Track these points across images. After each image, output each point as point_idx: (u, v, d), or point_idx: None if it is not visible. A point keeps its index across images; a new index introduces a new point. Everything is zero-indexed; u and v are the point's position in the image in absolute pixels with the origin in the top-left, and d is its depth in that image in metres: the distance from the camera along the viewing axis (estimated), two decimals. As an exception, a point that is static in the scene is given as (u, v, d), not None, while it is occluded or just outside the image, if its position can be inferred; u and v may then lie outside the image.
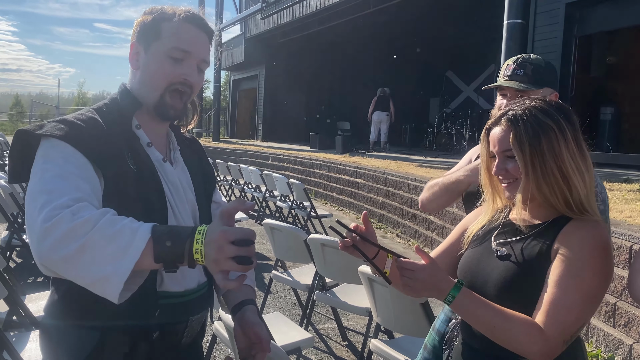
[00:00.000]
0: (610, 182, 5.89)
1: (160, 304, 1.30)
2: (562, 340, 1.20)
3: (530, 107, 1.32)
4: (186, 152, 1.51)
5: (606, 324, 3.52)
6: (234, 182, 9.97)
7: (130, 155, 1.29)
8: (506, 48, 6.85)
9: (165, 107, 1.34)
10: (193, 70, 1.35)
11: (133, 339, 1.28)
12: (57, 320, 1.28)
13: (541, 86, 1.87)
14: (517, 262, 1.30)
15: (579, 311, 1.21)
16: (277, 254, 3.95)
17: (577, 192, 1.28)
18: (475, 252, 1.44)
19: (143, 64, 1.35)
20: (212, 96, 23.09)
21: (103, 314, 1.21)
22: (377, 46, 18.39)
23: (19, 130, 1.22)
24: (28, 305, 2.84)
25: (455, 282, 1.24)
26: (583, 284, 1.20)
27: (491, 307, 1.23)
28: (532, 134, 1.28)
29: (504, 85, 1.87)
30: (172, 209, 1.35)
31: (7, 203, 4.80)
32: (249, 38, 19.51)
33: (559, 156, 1.27)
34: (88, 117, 1.27)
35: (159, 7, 1.37)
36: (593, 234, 1.25)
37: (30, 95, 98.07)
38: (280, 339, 2.54)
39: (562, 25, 8.24)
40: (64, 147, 1.19)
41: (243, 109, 23.52)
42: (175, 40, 1.32)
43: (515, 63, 1.90)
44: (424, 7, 13.13)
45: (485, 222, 1.48)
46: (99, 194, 1.20)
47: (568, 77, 8.44)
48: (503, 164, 1.34)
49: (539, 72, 1.88)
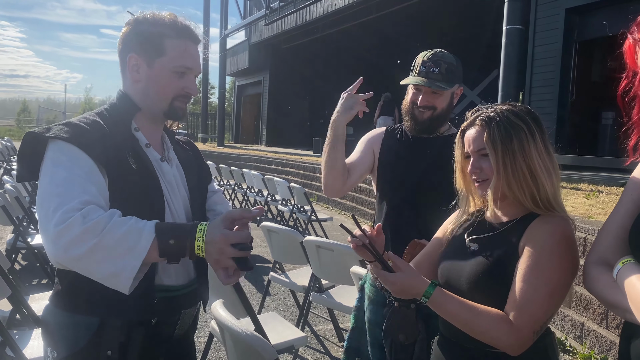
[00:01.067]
0: (608, 186, 5.93)
1: (156, 296, 1.40)
2: (532, 331, 1.26)
3: (502, 110, 1.40)
4: (179, 150, 1.62)
5: (599, 326, 3.56)
6: (237, 187, 10.05)
7: (131, 155, 1.39)
8: (505, 53, 6.90)
9: (176, 110, 1.48)
10: (193, 83, 1.50)
11: (129, 329, 1.37)
12: (58, 309, 1.38)
13: (452, 84, 2.00)
14: (487, 258, 1.37)
15: (546, 303, 1.27)
16: (274, 256, 4.01)
17: (544, 191, 1.34)
18: (451, 249, 1.52)
19: (146, 78, 1.44)
20: (217, 102, 23.20)
21: (103, 304, 1.32)
22: (381, 51, 18.46)
23: (28, 132, 1.32)
24: (31, 305, 2.92)
25: (429, 283, 1.32)
26: (549, 277, 1.27)
27: (464, 304, 1.31)
28: (505, 133, 1.35)
29: (422, 85, 1.98)
30: (169, 205, 1.46)
31: (12, 206, 4.89)
32: (253, 44, 19.64)
33: (528, 155, 1.34)
34: (92, 121, 1.38)
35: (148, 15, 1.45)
36: (558, 229, 1.32)
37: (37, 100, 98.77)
38: (274, 338, 2.60)
39: (562, 30, 8.28)
40: (71, 149, 1.29)
41: (247, 114, 23.64)
42: (180, 58, 1.44)
43: (430, 60, 1.99)
44: (427, 12, 13.21)
45: (461, 220, 1.55)
46: (105, 194, 1.31)
47: (568, 82, 8.48)
48: (478, 163, 1.41)
49: (451, 71, 1.99)
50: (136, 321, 1.38)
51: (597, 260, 1.27)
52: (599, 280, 1.23)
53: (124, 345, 1.36)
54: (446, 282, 1.48)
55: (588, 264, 1.29)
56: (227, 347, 1.93)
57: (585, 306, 3.67)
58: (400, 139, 2.13)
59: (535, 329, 1.27)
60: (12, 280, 2.85)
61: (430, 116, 2.01)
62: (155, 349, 1.45)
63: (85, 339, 1.34)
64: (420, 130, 2.05)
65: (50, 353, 1.38)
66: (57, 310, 1.39)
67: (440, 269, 1.52)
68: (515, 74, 6.93)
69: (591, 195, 5.34)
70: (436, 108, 2.01)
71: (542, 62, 8.49)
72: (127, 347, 1.37)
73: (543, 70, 8.52)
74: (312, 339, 3.92)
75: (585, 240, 3.64)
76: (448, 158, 1.54)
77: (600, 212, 4.45)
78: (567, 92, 8.45)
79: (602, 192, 5.57)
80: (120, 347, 1.35)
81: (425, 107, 2.00)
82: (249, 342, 1.62)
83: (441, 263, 1.53)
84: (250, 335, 1.64)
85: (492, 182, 1.37)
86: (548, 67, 8.40)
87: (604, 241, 1.29)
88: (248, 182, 9.39)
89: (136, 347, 1.38)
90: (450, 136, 2.07)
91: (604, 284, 1.21)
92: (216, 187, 1.77)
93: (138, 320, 1.38)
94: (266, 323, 2.70)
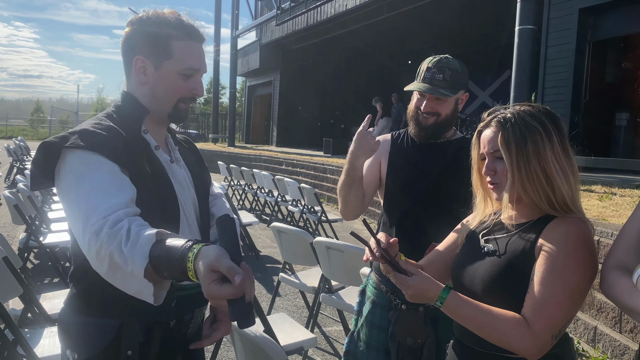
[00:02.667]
0: (622, 188, 5.86)
1: (175, 295, 1.40)
2: (550, 335, 1.24)
3: (519, 110, 1.38)
4: (183, 150, 1.62)
5: (613, 330, 3.52)
6: (247, 187, 10.07)
7: (145, 159, 1.39)
8: (517, 54, 6.85)
9: (179, 112, 1.47)
10: (200, 84, 1.49)
11: (149, 329, 1.38)
12: (77, 313, 1.38)
13: (457, 91, 1.98)
14: (502, 258, 1.35)
15: (564, 306, 1.25)
16: (284, 257, 4.01)
17: (560, 193, 1.32)
18: (466, 250, 1.50)
19: (153, 80, 1.43)
20: (228, 102, 23.30)
21: (122, 307, 1.31)
22: (392, 52, 18.43)
23: (44, 142, 1.29)
24: (43, 304, 2.94)
25: (443, 287, 1.29)
26: (567, 280, 1.24)
27: (479, 307, 1.28)
28: (519, 135, 1.33)
29: (425, 92, 1.96)
30: (182, 208, 1.45)
31: (25, 206, 4.94)
32: (264, 44, 19.69)
33: (543, 158, 1.31)
34: (106, 126, 1.35)
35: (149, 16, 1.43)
36: (575, 230, 1.29)
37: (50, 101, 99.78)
38: (284, 339, 2.60)
39: (575, 31, 8.19)
40: (90, 157, 1.26)
41: (258, 114, 23.71)
42: (188, 60, 1.43)
43: (435, 67, 1.97)
44: (438, 12, 13.14)
45: (477, 223, 1.53)
46: (132, 190, 1.27)
47: (582, 83, 8.39)
48: (492, 164, 1.39)
49: (455, 78, 1.96)
50: (156, 322, 1.39)
51: (616, 265, 1.25)
52: (617, 285, 1.21)
53: (143, 345, 1.37)
54: (460, 283, 1.46)
55: (606, 268, 1.26)
56: (237, 348, 1.93)
57: (599, 310, 3.62)
58: (408, 145, 2.12)
59: (553, 333, 1.24)
60: (24, 279, 2.88)
61: (434, 122, 1.99)
62: (173, 348, 1.46)
63: (106, 341, 1.34)
64: (424, 136, 2.04)
65: (70, 355, 1.38)
66: (75, 314, 1.39)
67: (453, 270, 1.50)
68: (527, 75, 6.87)
69: (604, 197, 5.27)
70: (440, 114, 1.99)
71: (555, 63, 8.41)
72: (146, 347, 1.38)
73: (556, 71, 8.44)
74: (321, 340, 3.91)
75: (599, 242, 3.59)
76: (459, 162, 1.52)
77: (613, 214, 4.39)
78: (581, 93, 8.36)
79: (616, 194, 5.50)
80: (140, 347, 1.37)
81: (429, 113, 1.99)
82: (258, 343, 1.62)
83: (454, 264, 1.51)
84: (259, 336, 1.64)
85: (507, 185, 1.35)
86: (561, 68, 8.32)
87: (623, 245, 1.26)
88: (258, 182, 9.40)
89: (156, 346, 1.39)
90: (457, 140, 2.07)
91: (623, 288, 1.19)
92: (216, 191, 1.75)
93: (158, 320, 1.39)
94: (275, 324, 2.70)
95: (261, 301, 3.84)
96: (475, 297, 1.34)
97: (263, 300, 4.57)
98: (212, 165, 15.25)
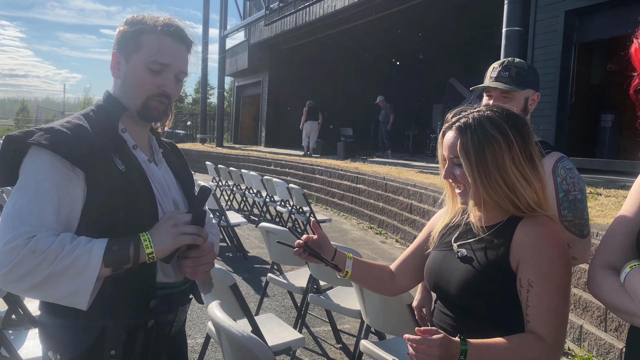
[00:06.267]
0: (607, 189, 5.92)
1: (156, 294, 1.40)
2: (563, 340, 1.29)
3: (481, 116, 1.38)
4: (167, 154, 1.61)
5: (598, 329, 3.55)
6: (236, 187, 10.04)
7: (118, 156, 1.37)
8: (505, 55, 6.92)
9: (149, 110, 1.43)
10: (171, 82, 1.44)
11: (132, 328, 1.37)
12: (56, 316, 1.35)
13: (524, 87, 2.00)
14: (476, 263, 1.37)
15: (564, 308, 1.30)
16: (272, 257, 4.00)
17: (524, 199, 1.33)
18: (440, 253, 1.51)
19: (124, 74, 1.43)
20: (216, 102, 23.19)
21: (103, 309, 1.31)
22: (380, 53, 18.49)
23: (7, 136, 1.30)
24: (27, 305, 2.90)
25: (459, 341, 1.25)
26: (558, 282, 1.28)
27: (497, 345, 1.27)
28: (477, 144, 1.33)
29: (490, 86, 2.00)
30: (160, 205, 1.44)
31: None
32: (252, 44, 19.64)
33: (502, 167, 1.32)
34: (74, 124, 1.35)
35: (141, 16, 1.45)
36: (547, 232, 1.31)
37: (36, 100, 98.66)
38: (272, 339, 2.59)
39: (561, 33, 8.28)
40: (48, 157, 1.27)
41: (247, 114, 23.64)
42: (154, 53, 1.40)
43: (500, 66, 2.03)
44: (426, 14, 13.21)
45: (447, 221, 1.55)
46: (76, 208, 1.30)
47: (567, 85, 8.48)
48: (451, 169, 1.41)
49: (522, 74, 2.00)
50: (138, 320, 1.38)
51: (603, 264, 1.26)
52: (604, 284, 1.22)
53: (127, 345, 1.36)
54: (435, 286, 1.48)
55: (593, 268, 1.28)
56: (224, 348, 1.92)
57: (584, 309, 3.66)
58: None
59: (564, 336, 1.30)
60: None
61: None
62: (156, 347, 1.44)
63: (88, 342, 1.33)
64: None
65: (52, 356, 1.36)
66: (54, 317, 1.36)
67: (428, 272, 1.52)
68: (514, 76, 6.91)
69: (590, 198, 5.33)
70: None
71: (541, 65, 8.49)
72: (130, 347, 1.37)
73: (542, 73, 8.49)
74: (309, 341, 3.90)
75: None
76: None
77: (599, 214, 4.44)
78: (567, 95, 8.45)
79: (601, 194, 5.56)
80: (124, 347, 1.36)
81: None
82: (245, 344, 1.61)
83: (427, 266, 1.53)
84: (247, 336, 1.63)
85: (470, 190, 1.37)
86: (547, 70, 8.40)
87: (610, 245, 1.27)
88: (247, 182, 9.37)
89: (139, 346, 1.38)
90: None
91: (610, 288, 1.20)
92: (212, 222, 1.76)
93: (140, 321, 1.38)
94: (263, 324, 2.69)
95: (249, 301, 3.82)
96: (451, 298, 1.39)
97: (251, 301, 4.55)
98: (200, 166, 15.16)
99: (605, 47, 9.59)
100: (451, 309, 1.43)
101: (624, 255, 1.22)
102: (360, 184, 9.38)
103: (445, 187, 1.53)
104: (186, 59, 1.49)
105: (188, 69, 1.50)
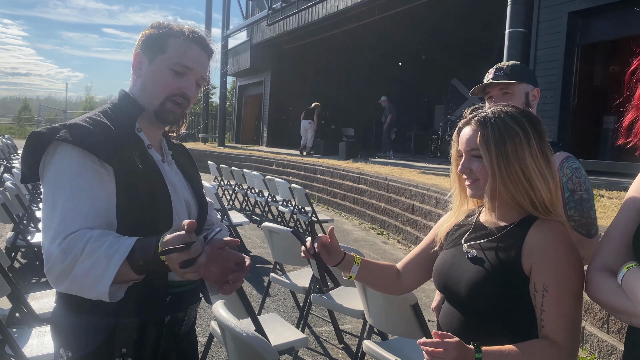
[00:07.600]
0: (610, 191, 5.92)
1: (169, 292, 1.42)
2: (578, 345, 1.28)
3: (500, 111, 1.39)
4: (177, 156, 1.62)
5: (600, 330, 3.55)
6: (238, 187, 10.04)
7: (137, 155, 1.39)
8: (508, 56, 6.91)
9: (166, 112, 1.46)
10: (192, 85, 1.48)
11: (143, 326, 1.38)
12: (69, 311, 1.37)
13: (521, 80, 2.01)
14: (487, 264, 1.36)
15: (578, 313, 1.30)
16: (275, 257, 4.00)
17: (540, 195, 1.34)
18: (448, 253, 1.50)
19: (146, 74, 1.46)
20: (218, 102, 23.19)
21: (115, 304, 1.29)
22: (382, 53, 18.48)
23: (33, 132, 1.30)
24: (31, 303, 2.91)
25: (474, 348, 1.24)
26: (572, 287, 1.28)
27: (512, 353, 1.26)
28: (498, 136, 1.34)
29: (489, 84, 2.02)
30: (174, 206, 1.45)
31: (13, 204, 4.89)
32: (255, 44, 19.65)
33: (522, 160, 1.33)
34: (97, 121, 1.37)
35: (167, 23, 1.49)
36: (560, 237, 1.31)
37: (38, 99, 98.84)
38: (275, 339, 2.59)
39: (564, 34, 8.27)
40: (77, 153, 1.28)
41: (249, 114, 23.64)
42: (180, 56, 1.44)
43: (495, 68, 2.06)
44: (429, 14, 13.21)
45: (455, 222, 1.54)
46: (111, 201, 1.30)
47: (570, 86, 8.47)
48: (468, 163, 1.41)
49: (516, 70, 2.03)
50: (150, 318, 1.39)
51: (600, 266, 1.26)
52: (602, 286, 1.22)
53: (138, 343, 1.37)
54: (443, 287, 1.47)
55: (591, 270, 1.28)
56: (228, 347, 1.93)
57: (586, 310, 3.66)
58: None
59: (579, 340, 1.31)
60: (12, 279, 2.85)
61: None
62: (167, 345, 1.45)
63: (99, 339, 1.34)
64: None
65: (63, 353, 1.37)
66: (67, 312, 1.37)
67: (436, 273, 1.51)
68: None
69: (593, 199, 5.32)
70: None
71: (544, 66, 8.48)
72: (141, 345, 1.38)
73: (545, 74, 8.51)
74: (312, 341, 3.91)
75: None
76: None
77: (601, 216, 4.44)
78: (570, 96, 8.43)
79: (604, 196, 5.56)
80: (135, 345, 1.36)
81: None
82: (250, 343, 1.61)
83: (436, 267, 1.52)
84: (251, 335, 1.63)
85: (488, 185, 1.36)
86: (550, 71, 8.40)
87: (608, 247, 1.28)
88: (249, 182, 9.38)
89: (150, 344, 1.39)
90: None
91: (608, 289, 1.20)
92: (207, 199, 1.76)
93: (152, 318, 1.39)
94: (266, 324, 2.69)
95: (251, 301, 3.82)
96: (461, 299, 1.38)
97: (253, 300, 4.56)
98: (202, 165, 15.19)
99: (609, 49, 9.58)
100: (460, 310, 1.42)
101: (621, 257, 1.22)
102: (362, 185, 9.38)
103: (454, 186, 1.52)
104: (207, 67, 1.53)
105: (207, 76, 1.54)
